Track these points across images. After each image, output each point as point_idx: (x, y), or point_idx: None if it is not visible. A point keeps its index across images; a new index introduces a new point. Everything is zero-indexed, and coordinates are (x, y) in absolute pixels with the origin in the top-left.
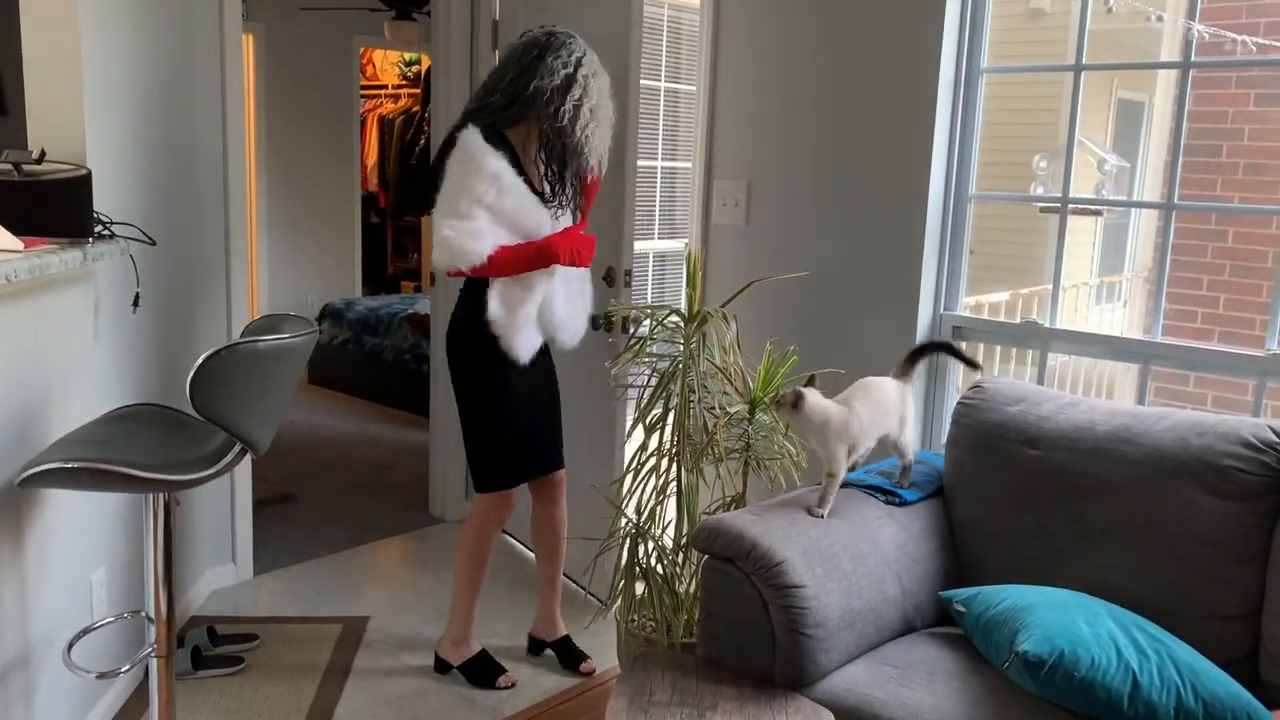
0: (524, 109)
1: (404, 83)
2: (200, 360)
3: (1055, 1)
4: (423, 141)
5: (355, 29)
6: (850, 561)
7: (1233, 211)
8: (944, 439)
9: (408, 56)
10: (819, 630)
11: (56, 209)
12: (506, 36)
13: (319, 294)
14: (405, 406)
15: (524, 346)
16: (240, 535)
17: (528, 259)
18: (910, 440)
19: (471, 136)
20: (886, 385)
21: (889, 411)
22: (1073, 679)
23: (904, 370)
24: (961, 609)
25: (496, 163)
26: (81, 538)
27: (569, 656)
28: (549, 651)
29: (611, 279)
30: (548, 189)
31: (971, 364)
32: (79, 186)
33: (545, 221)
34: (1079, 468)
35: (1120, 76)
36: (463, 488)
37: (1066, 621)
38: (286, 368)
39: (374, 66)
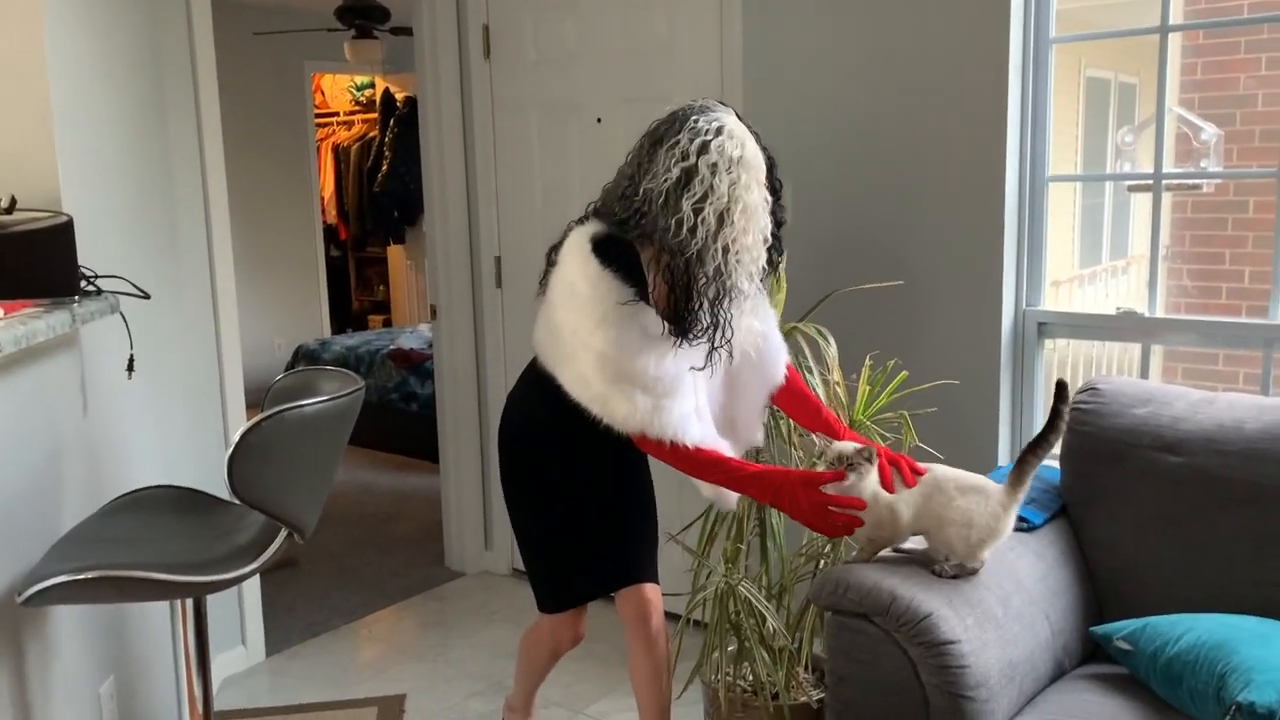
0: (640, 220)
1: (357, 108)
2: (239, 435)
3: None
4: (384, 168)
5: (306, 54)
6: (1000, 605)
7: None
8: None
9: (359, 81)
10: (981, 690)
11: (35, 264)
12: (501, 42)
13: (285, 335)
14: (398, 450)
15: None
16: (249, 614)
17: (700, 473)
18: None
19: (577, 253)
20: (986, 492)
21: (940, 517)
22: None
23: (1016, 479)
24: (1127, 647)
25: (608, 287)
26: (88, 648)
27: None
28: None
29: None
30: (666, 326)
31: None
32: (60, 236)
33: (665, 358)
34: (1231, 473)
35: (1089, 55)
36: (481, 536)
37: None
38: (334, 434)
39: (323, 94)
